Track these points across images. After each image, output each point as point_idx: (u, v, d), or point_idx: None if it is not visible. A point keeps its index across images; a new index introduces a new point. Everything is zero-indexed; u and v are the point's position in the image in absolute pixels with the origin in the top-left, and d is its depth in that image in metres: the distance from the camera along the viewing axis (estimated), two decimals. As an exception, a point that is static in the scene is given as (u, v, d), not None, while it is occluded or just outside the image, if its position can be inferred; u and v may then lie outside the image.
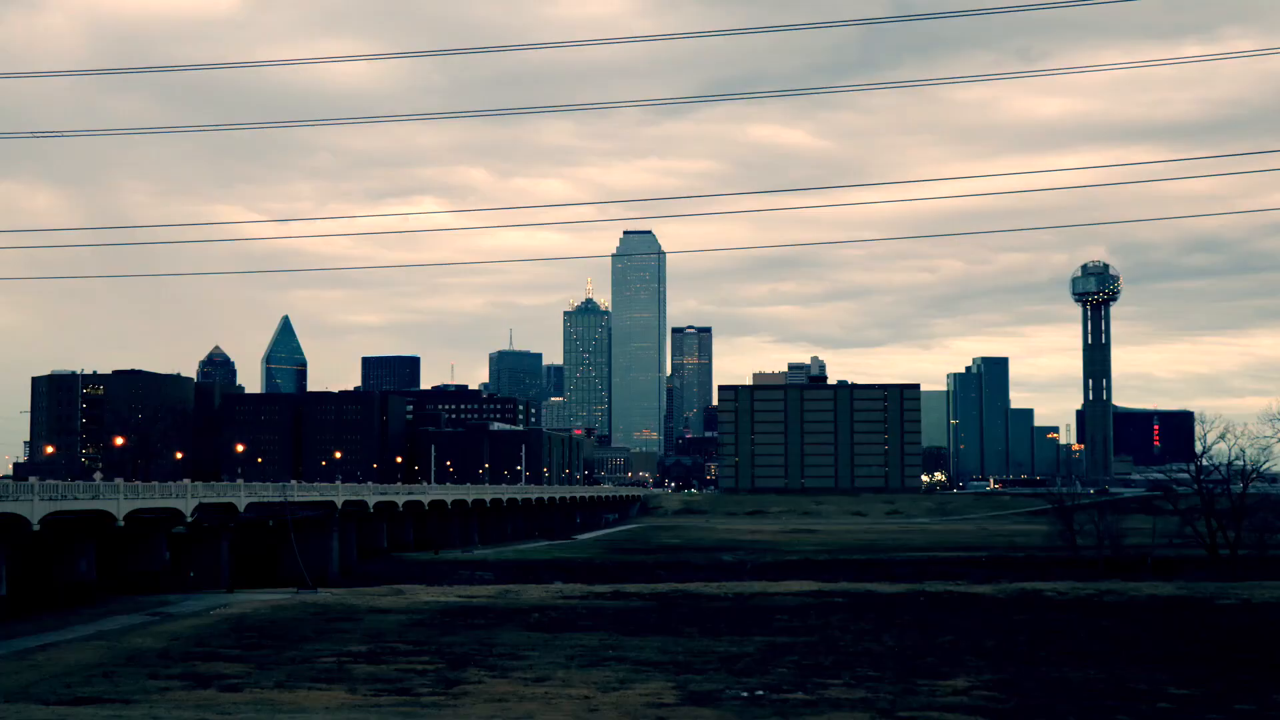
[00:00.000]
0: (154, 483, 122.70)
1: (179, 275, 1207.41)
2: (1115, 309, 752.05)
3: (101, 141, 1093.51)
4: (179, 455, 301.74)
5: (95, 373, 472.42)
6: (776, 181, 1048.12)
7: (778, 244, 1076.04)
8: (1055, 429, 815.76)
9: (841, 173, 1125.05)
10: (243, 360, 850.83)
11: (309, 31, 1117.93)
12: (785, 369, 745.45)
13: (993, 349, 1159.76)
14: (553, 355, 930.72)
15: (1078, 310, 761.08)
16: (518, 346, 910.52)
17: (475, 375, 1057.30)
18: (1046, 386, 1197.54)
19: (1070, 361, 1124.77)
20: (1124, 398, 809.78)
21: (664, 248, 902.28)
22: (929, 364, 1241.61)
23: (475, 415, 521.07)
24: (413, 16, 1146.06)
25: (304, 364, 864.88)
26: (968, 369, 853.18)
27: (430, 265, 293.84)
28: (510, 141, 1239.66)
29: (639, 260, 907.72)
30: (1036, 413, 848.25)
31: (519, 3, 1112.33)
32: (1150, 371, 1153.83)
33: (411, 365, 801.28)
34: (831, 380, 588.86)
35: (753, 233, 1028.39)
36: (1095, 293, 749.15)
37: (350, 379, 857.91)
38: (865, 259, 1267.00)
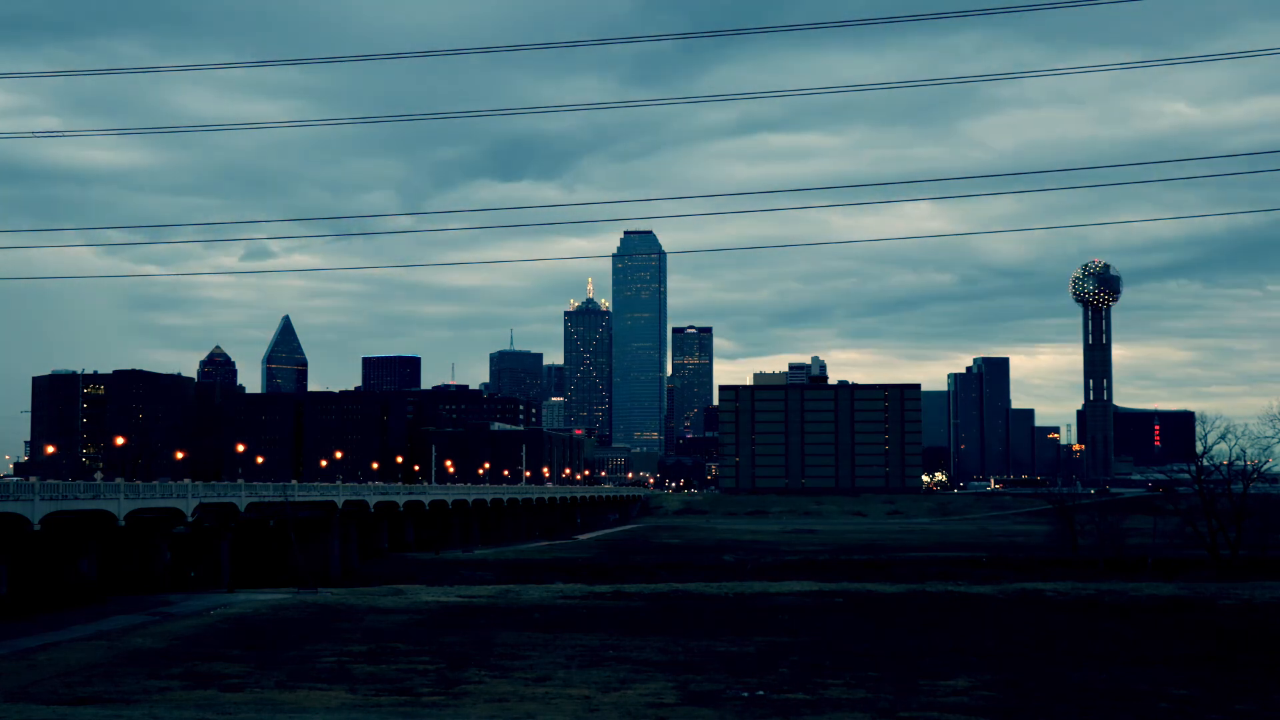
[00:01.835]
0: (154, 483, 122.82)
1: (179, 275, 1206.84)
2: (1116, 309, 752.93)
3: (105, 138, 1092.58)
4: (179, 455, 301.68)
5: (95, 373, 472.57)
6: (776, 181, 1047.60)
7: (778, 244, 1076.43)
8: (1056, 429, 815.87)
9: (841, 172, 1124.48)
10: (243, 360, 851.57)
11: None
12: (786, 369, 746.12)
13: (993, 349, 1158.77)
14: (553, 355, 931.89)
15: (1078, 310, 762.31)
16: (518, 347, 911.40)
17: (476, 375, 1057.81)
18: (1047, 386, 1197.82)
19: (1071, 362, 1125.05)
20: (1124, 398, 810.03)
21: (664, 248, 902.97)
22: (929, 364, 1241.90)
23: (476, 415, 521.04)
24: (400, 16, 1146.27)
25: (304, 364, 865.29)
26: (968, 369, 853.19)
27: (430, 265, 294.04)
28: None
29: (639, 260, 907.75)
30: (1037, 413, 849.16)
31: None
32: (1151, 372, 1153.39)
33: (412, 365, 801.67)
34: (832, 380, 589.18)
35: (753, 232, 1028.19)
36: (1096, 293, 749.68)
37: (351, 379, 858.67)
38: (865, 259, 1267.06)
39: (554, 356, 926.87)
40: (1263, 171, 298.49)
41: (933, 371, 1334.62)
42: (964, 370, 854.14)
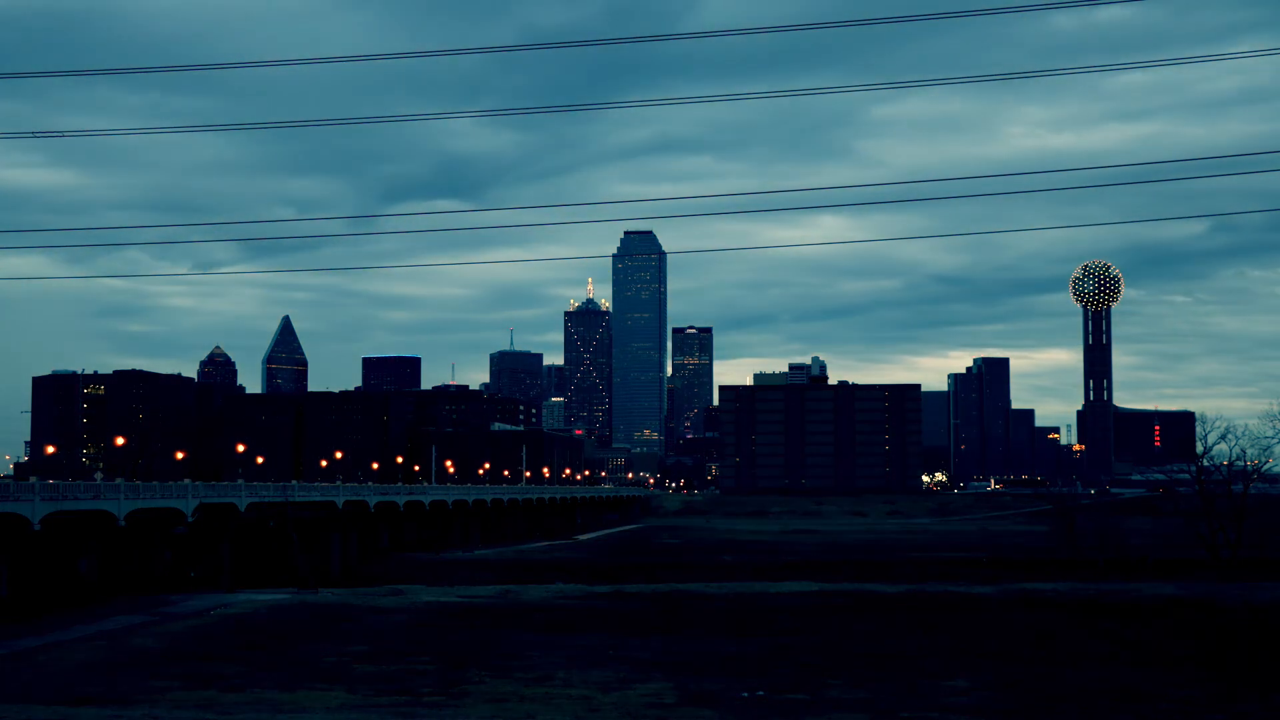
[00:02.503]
0: (155, 483, 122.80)
1: (179, 275, 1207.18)
2: (1116, 309, 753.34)
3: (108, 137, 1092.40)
4: (179, 455, 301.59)
5: (95, 373, 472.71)
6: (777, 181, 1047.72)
7: (778, 244, 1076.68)
8: (1056, 429, 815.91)
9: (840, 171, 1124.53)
10: (243, 360, 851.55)
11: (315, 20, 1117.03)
12: (786, 369, 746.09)
13: (993, 349, 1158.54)
14: (553, 356, 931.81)
15: (1079, 310, 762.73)
16: (518, 347, 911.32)
17: (476, 376, 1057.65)
18: (1047, 387, 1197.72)
19: (1071, 362, 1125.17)
20: (1124, 398, 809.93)
21: (665, 248, 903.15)
22: (930, 364, 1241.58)
23: (476, 416, 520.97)
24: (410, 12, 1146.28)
25: (304, 364, 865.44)
26: (968, 369, 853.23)
27: (431, 265, 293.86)
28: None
29: (639, 260, 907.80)
30: (1037, 413, 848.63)
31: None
32: (1151, 372, 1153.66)
33: (412, 366, 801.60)
34: (832, 380, 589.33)
35: (754, 232, 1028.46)
36: (1096, 293, 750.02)
37: (351, 379, 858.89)
38: (865, 259, 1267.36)
39: (554, 356, 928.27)
40: (1258, 172, 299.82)
41: (933, 372, 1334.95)
42: (964, 370, 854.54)
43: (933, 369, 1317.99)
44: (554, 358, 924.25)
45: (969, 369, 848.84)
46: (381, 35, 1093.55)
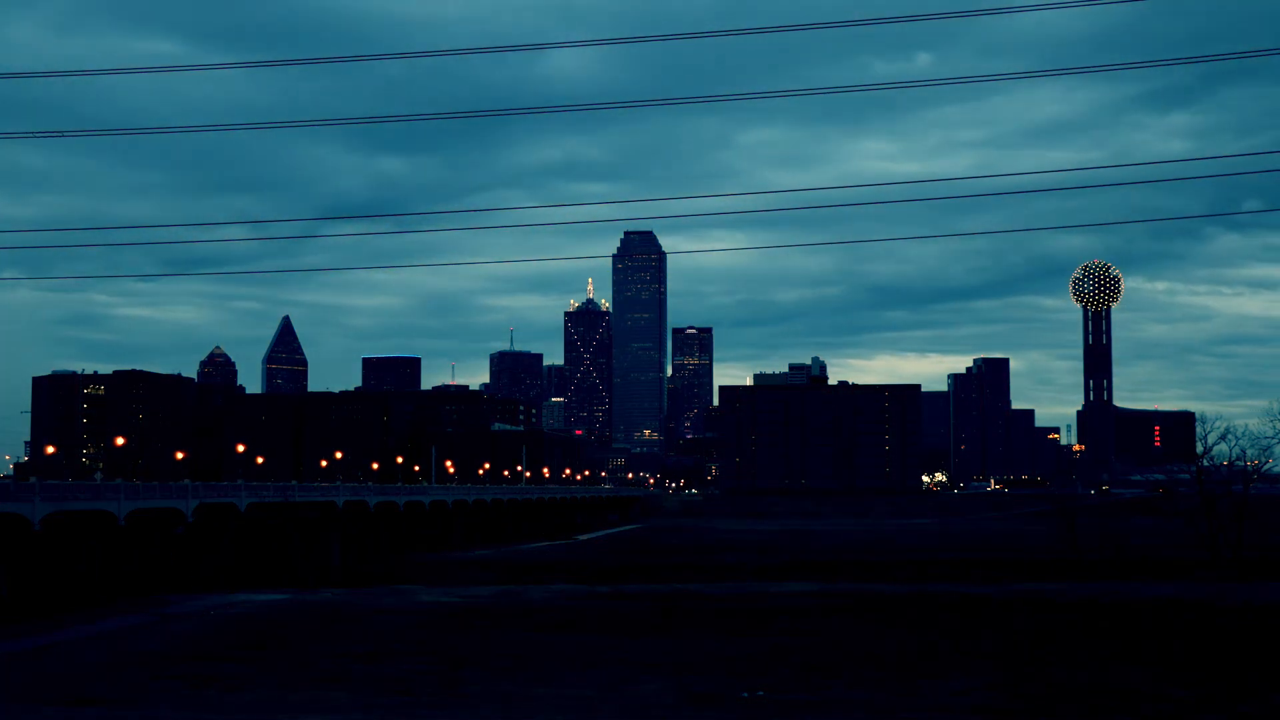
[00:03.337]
0: (155, 483, 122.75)
1: (179, 275, 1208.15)
2: (1116, 309, 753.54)
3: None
4: (179, 455, 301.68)
5: (95, 373, 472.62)
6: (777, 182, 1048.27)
7: (778, 244, 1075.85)
8: (1056, 429, 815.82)
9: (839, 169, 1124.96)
10: (243, 360, 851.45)
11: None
12: (786, 369, 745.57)
13: (993, 349, 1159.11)
14: (553, 356, 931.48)
15: (1079, 310, 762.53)
16: (518, 347, 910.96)
17: (476, 376, 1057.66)
18: (1047, 387, 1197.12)
19: (1071, 362, 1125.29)
20: (1124, 398, 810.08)
21: (664, 248, 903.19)
22: (930, 364, 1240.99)
23: (476, 416, 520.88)
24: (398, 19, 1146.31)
25: (304, 364, 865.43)
26: (968, 369, 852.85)
27: (431, 265, 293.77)
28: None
29: (639, 261, 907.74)
30: (1037, 413, 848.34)
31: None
32: (1151, 372, 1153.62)
33: (412, 366, 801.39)
34: (832, 381, 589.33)
35: (754, 233, 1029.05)
36: (1096, 292, 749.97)
37: (351, 380, 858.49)
38: (865, 259, 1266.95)
39: (554, 356, 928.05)
40: (1261, 172, 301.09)
41: (933, 372, 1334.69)
42: (964, 370, 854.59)
43: (933, 369, 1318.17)
44: (554, 358, 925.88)
45: (969, 369, 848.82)
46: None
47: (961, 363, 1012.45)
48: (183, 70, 72.72)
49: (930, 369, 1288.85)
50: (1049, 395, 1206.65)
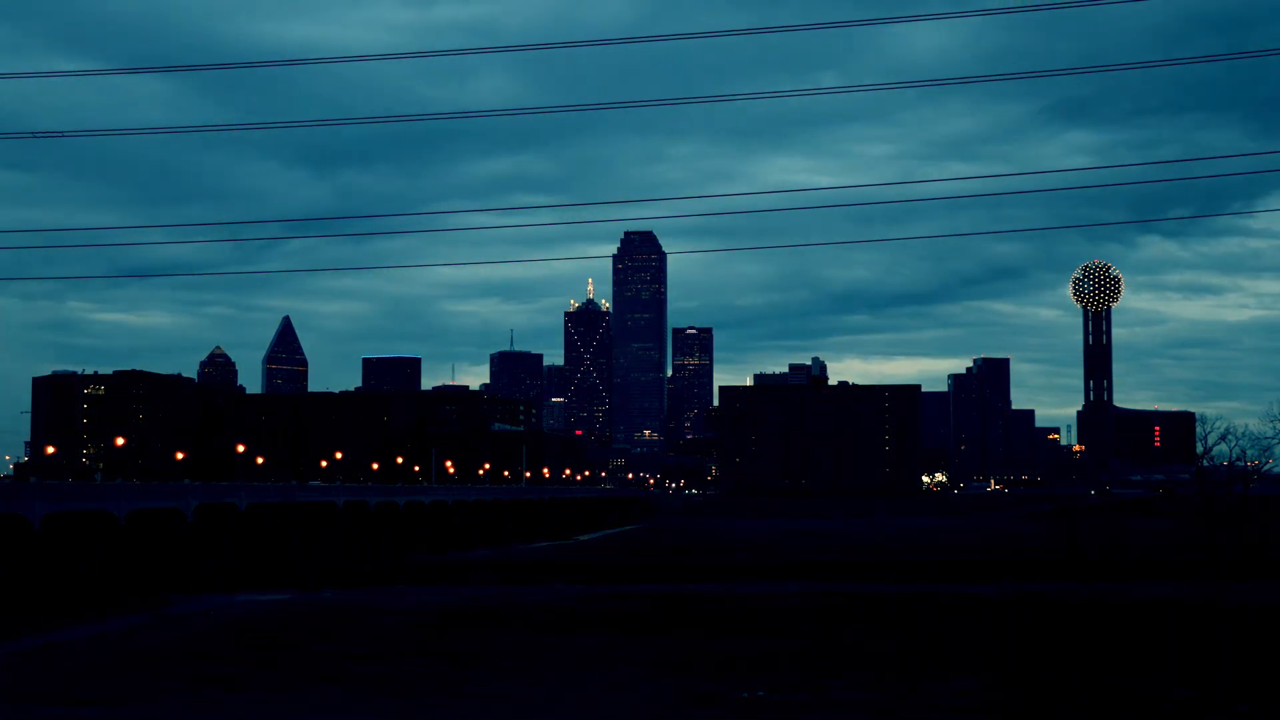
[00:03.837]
0: (155, 483, 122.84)
1: (180, 275, 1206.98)
2: (1116, 309, 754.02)
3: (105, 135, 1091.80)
4: (179, 455, 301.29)
5: (95, 373, 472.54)
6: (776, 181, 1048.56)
7: (778, 244, 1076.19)
8: (1056, 429, 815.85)
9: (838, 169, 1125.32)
10: (243, 360, 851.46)
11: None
12: (786, 370, 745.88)
13: (994, 350, 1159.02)
14: (553, 356, 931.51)
15: (1079, 310, 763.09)
16: (518, 347, 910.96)
17: (476, 376, 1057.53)
18: (1047, 387, 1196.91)
19: (1071, 362, 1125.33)
20: (1124, 398, 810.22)
21: (665, 248, 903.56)
22: (930, 365, 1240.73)
23: (476, 416, 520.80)
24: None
25: (304, 364, 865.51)
26: (968, 370, 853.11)
27: (431, 266, 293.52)
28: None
29: (639, 261, 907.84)
30: (1037, 414, 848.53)
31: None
32: (1151, 372, 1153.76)
33: (412, 366, 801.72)
34: (832, 381, 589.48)
35: (754, 233, 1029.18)
36: (1096, 293, 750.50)
37: (351, 380, 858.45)
38: (866, 259, 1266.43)
39: (554, 356, 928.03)
40: (1262, 172, 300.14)
41: (933, 372, 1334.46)
42: (964, 371, 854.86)
43: (933, 369, 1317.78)
44: (554, 358, 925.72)
45: (969, 369, 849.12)
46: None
47: (962, 363, 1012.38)
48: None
49: (931, 369, 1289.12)
50: (1049, 395, 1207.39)
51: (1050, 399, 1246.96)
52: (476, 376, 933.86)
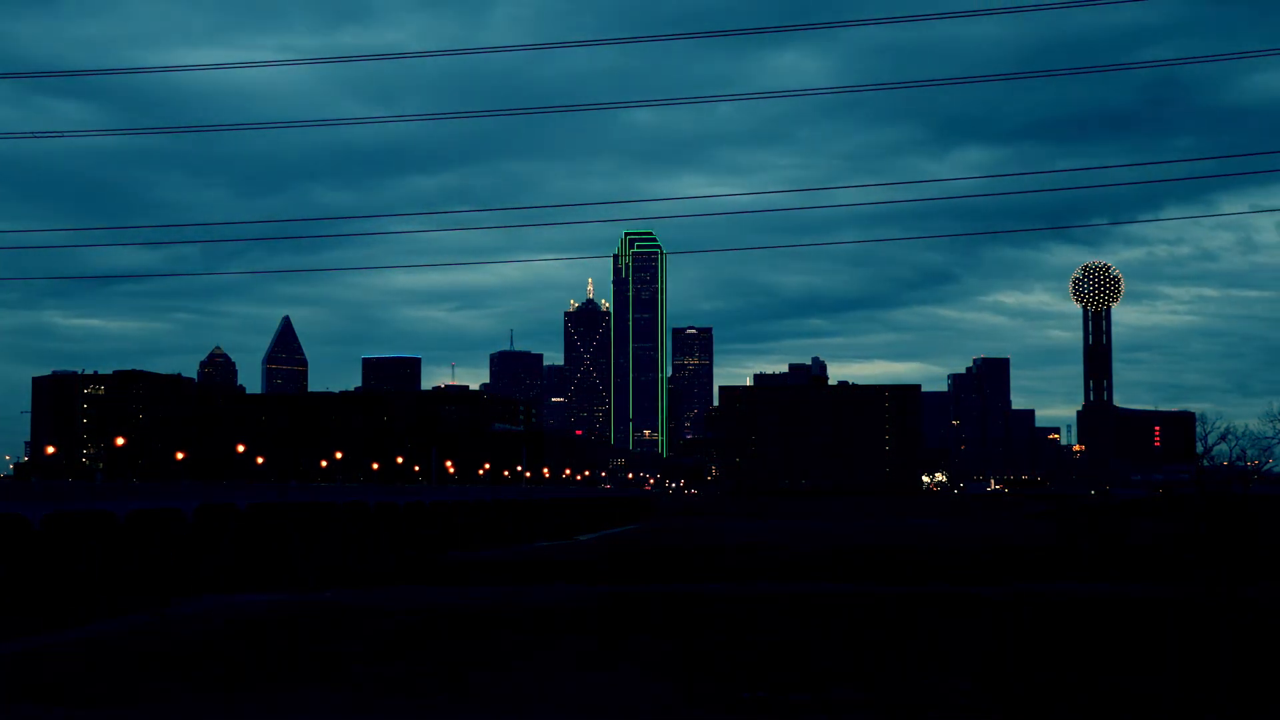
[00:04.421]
0: (154, 483, 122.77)
1: (179, 275, 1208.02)
2: (1116, 309, 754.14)
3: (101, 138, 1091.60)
4: (179, 455, 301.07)
5: (95, 373, 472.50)
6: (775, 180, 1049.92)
7: (778, 244, 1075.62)
8: (1056, 429, 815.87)
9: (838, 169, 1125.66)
10: (243, 361, 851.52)
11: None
12: (786, 369, 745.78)
13: (993, 350, 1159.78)
14: (553, 356, 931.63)
15: (1079, 310, 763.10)
16: (518, 347, 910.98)
17: (476, 376, 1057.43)
18: (1047, 387, 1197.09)
19: (1071, 362, 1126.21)
20: (1125, 398, 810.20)
21: (664, 248, 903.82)
22: (930, 365, 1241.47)
23: (476, 416, 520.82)
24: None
25: (304, 364, 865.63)
26: (969, 369, 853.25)
27: (430, 265, 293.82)
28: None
29: (639, 260, 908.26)
30: (1037, 414, 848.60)
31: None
32: (1151, 372, 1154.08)
33: (412, 366, 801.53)
34: (832, 381, 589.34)
35: (754, 233, 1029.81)
36: (1096, 293, 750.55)
37: (351, 380, 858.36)
38: (866, 259, 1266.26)
39: (554, 356, 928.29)
40: (1264, 172, 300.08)
41: (933, 372, 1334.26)
42: (964, 371, 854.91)
43: (933, 369, 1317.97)
44: (554, 358, 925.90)
45: (969, 369, 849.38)
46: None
47: (962, 363, 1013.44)
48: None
49: (931, 369, 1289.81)
50: (1048, 395, 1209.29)
51: (1051, 399, 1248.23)
52: (476, 377, 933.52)
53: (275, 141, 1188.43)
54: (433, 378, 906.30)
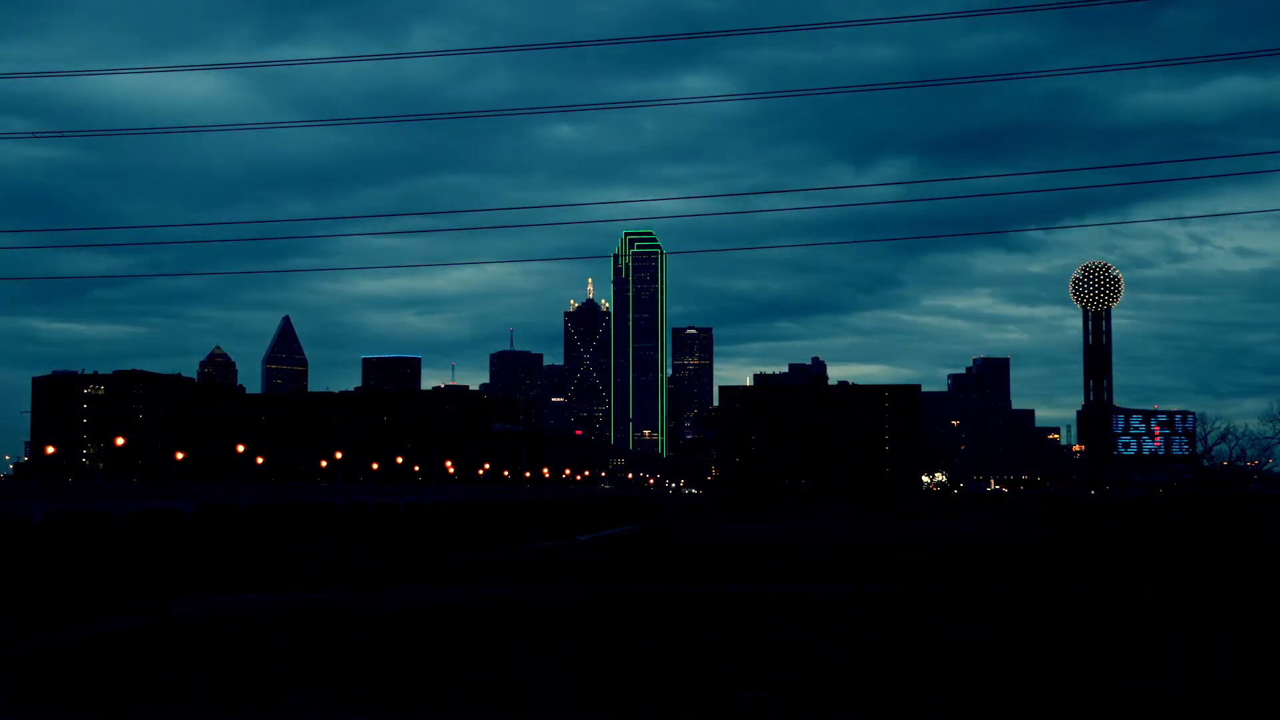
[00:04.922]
0: (154, 483, 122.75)
1: (180, 275, 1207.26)
2: (1116, 309, 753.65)
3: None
4: (179, 455, 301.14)
5: (95, 373, 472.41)
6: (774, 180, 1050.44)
7: (778, 244, 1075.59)
8: (1056, 429, 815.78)
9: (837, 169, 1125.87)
10: (243, 360, 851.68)
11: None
12: (786, 369, 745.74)
13: (993, 349, 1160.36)
14: (553, 356, 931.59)
15: (1078, 310, 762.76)
16: (518, 347, 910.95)
17: (476, 376, 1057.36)
18: (1047, 387, 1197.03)
19: (1071, 362, 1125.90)
20: (1125, 398, 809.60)
21: (664, 248, 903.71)
22: (930, 364, 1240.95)
23: (476, 416, 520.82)
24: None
25: (304, 364, 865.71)
26: (968, 369, 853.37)
27: (430, 265, 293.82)
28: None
29: (639, 260, 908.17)
30: (1037, 414, 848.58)
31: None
32: (1152, 372, 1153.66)
33: (412, 366, 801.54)
34: (832, 380, 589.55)
35: (753, 232, 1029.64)
36: (1096, 293, 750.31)
37: (351, 380, 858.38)
38: (865, 259, 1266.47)
39: (554, 356, 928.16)
40: (1266, 172, 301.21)
41: (933, 372, 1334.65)
42: (964, 371, 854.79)
43: (932, 369, 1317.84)
44: (554, 358, 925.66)
45: (969, 369, 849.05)
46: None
47: (962, 363, 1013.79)
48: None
49: (931, 369, 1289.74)
50: (1048, 395, 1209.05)
51: (1050, 399, 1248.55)
52: (476, 377, 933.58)
53: (232, 157, 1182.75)
54: (433, 378, 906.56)
